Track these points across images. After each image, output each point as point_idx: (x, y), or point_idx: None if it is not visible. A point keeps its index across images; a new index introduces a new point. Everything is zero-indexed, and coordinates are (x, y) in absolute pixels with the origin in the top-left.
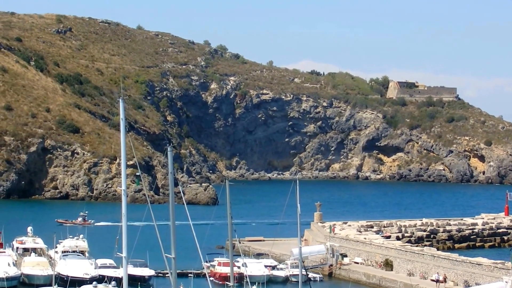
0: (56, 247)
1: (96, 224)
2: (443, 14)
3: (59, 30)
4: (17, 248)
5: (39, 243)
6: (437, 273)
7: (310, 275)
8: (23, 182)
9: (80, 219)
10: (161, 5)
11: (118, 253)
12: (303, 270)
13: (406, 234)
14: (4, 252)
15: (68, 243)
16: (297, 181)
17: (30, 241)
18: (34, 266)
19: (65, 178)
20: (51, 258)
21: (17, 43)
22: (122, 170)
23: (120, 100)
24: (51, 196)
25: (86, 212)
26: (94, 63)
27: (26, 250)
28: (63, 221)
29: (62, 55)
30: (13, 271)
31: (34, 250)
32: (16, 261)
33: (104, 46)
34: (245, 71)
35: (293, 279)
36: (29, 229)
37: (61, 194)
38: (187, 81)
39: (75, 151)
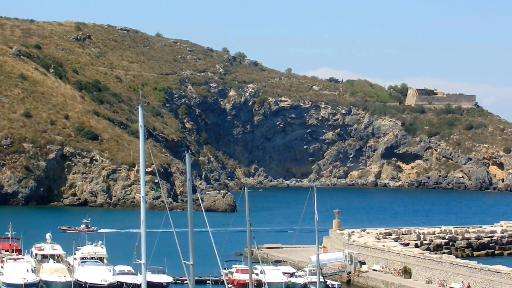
0: (75, 254)
1: (99, 231)
2: (462, 22)
3: (78, 38)
4: (36, 254)
5: (58, 249)
6: (462, 281)
7: (329, 282)
8: (42, 189)
9: (83, 226)
10: (180, 12)
11: (137, 260)
12: (321, 277)
13: (424, 242)
14: (23, 258)
15: (87, 249)
16: (315, 188)
17: (49, 248)
18: (53, 273)
19: (84, 185)
20: (69, 264)
21: (37, 51)
22: (141, 177)
23: (140, 107)
24: (70, 203)
25: (89, 219)
26: (113, 70)
27: (44, 256)
28: (66, 228)
29: (81, 62)
30: (31, 278)
31: (53, 256)
32: (35, 267)
33: (123, 54)
34: (264, 78)
35: (311, 286)
36: (48, 235)
37: (80, 201)
38: (205, 88)
39: (93, 158)
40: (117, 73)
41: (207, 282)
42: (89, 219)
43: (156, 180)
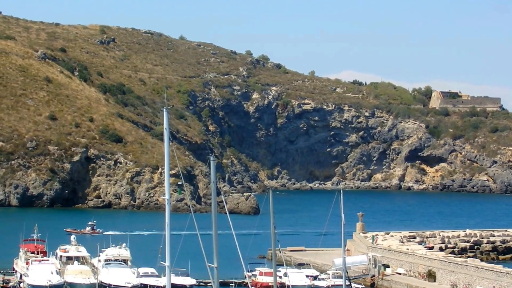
0: (99, 256)
1: (105, 233)
2: (488, 25)
3: (103, 41)
4: (61, 256)
5: (82, 251)
6: (494, 286)
7: (353, 285)
8: (66, 191)
9: (88, 228)
10: (204, 16)
11: (161, 262)
12: (347, 280)
13: (449, 245)
14: (48, 260)
15: (111, 251)
16: (341, 191)
17: (74, 250)
18: (77, 275)
19: (108, 187)
20: (94, 266)
21: (61, 54)
22: (165, 180)
23: (164, 110)
24: (94, 205)
25: (95, 221)
26: (137, 73)
27: (69, 258)
28: (72, 230)
29: (106, 66)
30: (56, 279)
31: (77, 258)
32: (59, 269)
33: (147, 57)
34: (287, 81)
35: None
36: (73, 237)
37: (104, 203)
38: (229, 91)
39: (118, 161)
40: (141, 76)
41: (231, 284)
42: (95, 221)
43: (179, 183)
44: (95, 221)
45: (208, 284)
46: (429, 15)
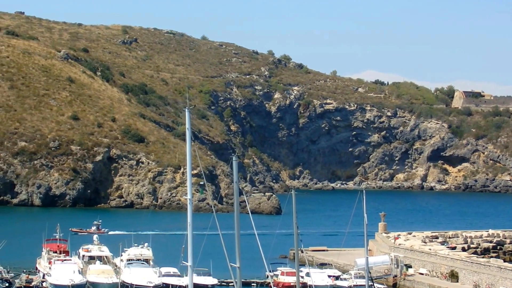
0: (121, 255)
1: (110, 233)
2: (509, 24)
3: (125, 41)
4: (83, 256)
5: (105, 251)
6: None
7: (375, 285)
8: (89, 191)
9: (94, 228)
10: (226, 16)
11: (183, 262)
12: (370, 281)
13: (472, 245)
14: (71, 259)
15: (133, 251)
16: (364, 192)
17: (96, 249)
18: (99, 274)
19: (130, 187)
20: (116, 266)
21: (84, 54)
22: (187, 180)
23: (186, 110)
24: (116, 205)
25: (100, 220)
26: (159, 73)
27: (92, 258)
28: (78, 230)
29: (128, 66)
30: (78, 279)
31: (100, 258)
32: (82, 268)
33: (169, 57)
34: (309, 81)
35: None
36: (95, 237)
37: (126, 203)
38: (250, 91)
39: (140, 160)
40: (163, 76)
41: (252, 284)
42: (100, 220)
43: (201, 183)
44: (100, 220)
45: (230, 284)
46: (452, 15)
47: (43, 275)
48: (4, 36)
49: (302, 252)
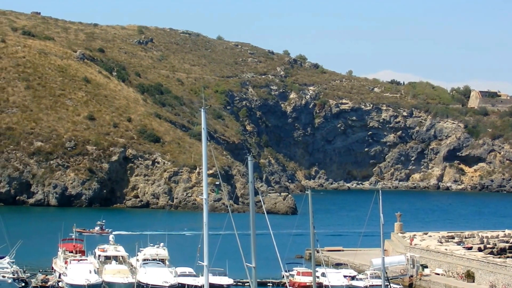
0: (137, 255)
1: (114, 233)
2: None
3: (141, 41)
4: (99, 256)
5: (121, 251)
6: None
7: (391, 285)
8: (105, 191)
9: (97, 228)
10: (241, 16)
11: (199, 262)
12: (386, 281)
13: (488, 246)
14: (86, 259)
15: (149, 251)
16: (380, 192)
17: (112, 249)
18: (115, 274)
19: (146, 187)
20: (132, 266)
21: (100, 54)
22: (203, 179)
23: (202, 110)
24: (132, 205)
25: (104, 221)
26: (175, 73)
27: (107, 258)
28: (81, 230)
29: (144, 66)
30: (94, 279)
31: (116, 258)
32: (97, 268)
33: (185, 57)
34: (324, 80)
35: None
36: (111, 237)
37: (142, 202)
38: (266, 91)
39: (155, 160)
40: (178, 76)
41: (268, 284)
42: (104, 221)
43: (217, 183)
44: (104, 220)
45: (246, 284)
46: (467, 15)
47: (59, 275)
48: (21, 37)
49: (318, 252)
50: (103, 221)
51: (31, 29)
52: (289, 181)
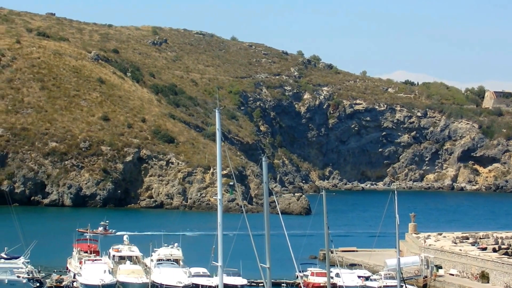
0: (151, 256)
1: (117, 233)
2: None
3: (155, 42)
4: (114, 256)
5: (135, 251)
6: None
7: (406, 286)
8: (119, 191)
9: (101, 228)
10: (255, 16)
11: (213, 262)
12: (401, 282)
13: (503, 246)
14: (101, 259)
15: (163, 251)
16: (395, 192)
17: (126, 249)
18: (129, 274)
19: (160, 187)
20: (146, 266)
21: (114, 55)
22: (218, 180)
23: (216, 111)
24: (146, 205)
25: (107, 221)
26: (189, 74)
27: (122, 258)
28: (84, 230)
29: (158, 66)
30: (109, 279)
31: (130, 258)
32: (112, 268)
33: (199, 57)
34: (338, 81)
35: None
36: (125, 237)
37: (156, 203)
38: (280, 92)
39: (169, 161)
40: (192, 77)
41: (282, 285)
42: (107, 221)
43: (231, 183)
44: (107, 221)
45: (260, 285)
46: (481, 15)
47: (74, 275)
48: (35, 37)
49: (332, 252)
50: (107, 221)
51: (46, 30)
52: (303, 181)
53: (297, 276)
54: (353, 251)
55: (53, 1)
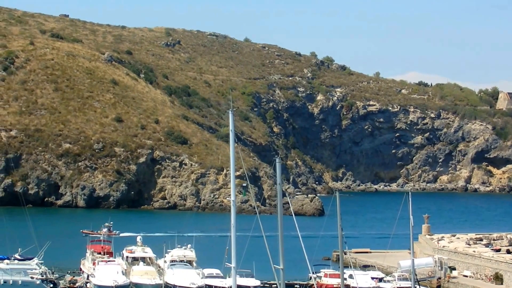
0: (165, 257)
1: (121, 235)
2: None
3: (168, 43)
4: (127, 257)
5: (148, 252)
6: None
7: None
8: (132, 192)
9: (105, 229)
10: (268, 18)
11: (227, 263)
12: (416, 283)
13: None
14: (114, 261)
15: (176, 252)
16: (410, 194)
17: (140, 251)
18: (143, 275)
19: (173, 188)
20: (159, 267)
21: (128, 56)
22: (231, 181)
23: (230, 112)
24: (160, 206)
25: (111, 222)
26: (202, 75)
27: (135, 259)
28: (89, 232)
29: (171, 68)
30: (122, 280)
31: (143, 259)
32: (125, 269)
33: (212, 59)
34: (352, 82)
35: None
36: (139, 238)
37: (169, 204)
38: (293, 93)
39: (183, 162)
40: (206, 78)
41: (295, 286)
42: (111, 222)
43: (244, 184)
44: (111, 222)
45: (273, 286)
46: (495, 16)
47: (87, 276)
48: (49, 39)
49: (345, 254)
50: (111, 222)
51: (60, 32)
52: (316, 182)
53: (310, 277)
54: (367, 252)
55: (66, 2)
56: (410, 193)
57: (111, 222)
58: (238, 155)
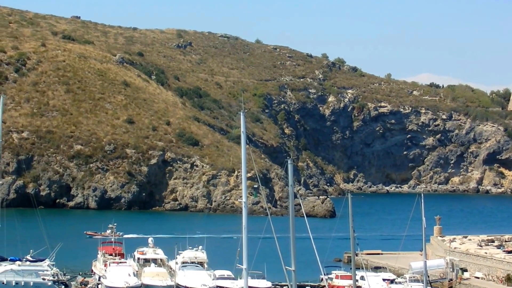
0: (176, 258)
1: (125, 236)
2: None
3: (180, 45)
4: (138, 258)
5: (160, 253)
6: None
7: None
8: (144, 194)
9: (108, 231)
10: (279, 19)
11: (238, 265)
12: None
13: None
14: (126, 262)
15: (188, 254)
16: (422, 195)
17: (151, 252)
18: (154, 277)
19: (185, 190)
20: (171, 268)
21: (139, 58)
22: (242, 183)
23: (241, 114)
24: (171, 208)
25: (115, 224)
26: (213, 77)
27: (146, 260)
28: (92, 233)
29: (182, 69)
30: (133, 281)
31: (155, 260)
32: (137, 271)
33: (223, 60)
34: (363, 84)
35: None
36: (150, 240)
37: (181, 206)
38: (304, 94)
39: (194, 164)
40: (217, 80)
41: (307, 287)
42: (115, 224)
43: (255, 186)
44: (115, 224)
45: (284, 287)
46: (506, 18)
47: (99, 278)
48: (61, 41)
49: (356, 255)
50: (115, 224)
51: (71, 33)
52: (328, 184)
53: (322, 279)
54: (378, 254)
55: (78, 4)
56: (422, 195)
57: (115, 224)
58: (249, 156)
